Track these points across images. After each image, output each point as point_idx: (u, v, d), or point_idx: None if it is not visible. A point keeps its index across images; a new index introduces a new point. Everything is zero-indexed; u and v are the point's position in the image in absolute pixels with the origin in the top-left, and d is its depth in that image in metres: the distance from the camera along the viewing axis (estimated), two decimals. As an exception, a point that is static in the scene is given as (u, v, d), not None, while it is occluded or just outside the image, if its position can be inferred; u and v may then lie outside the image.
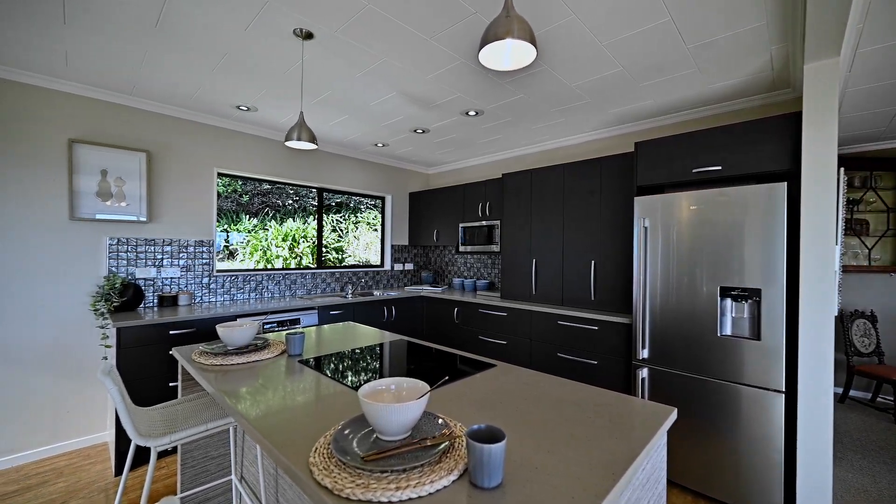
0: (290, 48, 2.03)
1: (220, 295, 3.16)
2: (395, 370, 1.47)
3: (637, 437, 0.92)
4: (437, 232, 4.34)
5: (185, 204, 2.96)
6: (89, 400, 2.57)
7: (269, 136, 3.44)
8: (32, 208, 2.37)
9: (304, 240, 5.49)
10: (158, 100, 2.74)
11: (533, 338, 3.07)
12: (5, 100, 2.29)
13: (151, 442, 1.28)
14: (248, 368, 1.50)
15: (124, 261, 2.69)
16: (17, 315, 2.33)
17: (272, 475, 1.56)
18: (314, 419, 1.02)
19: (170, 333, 2.41)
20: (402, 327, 3.87)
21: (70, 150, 2.46)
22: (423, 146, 3.88)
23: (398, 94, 2.60)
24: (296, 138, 1.87)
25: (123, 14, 1.76)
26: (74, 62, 2.20)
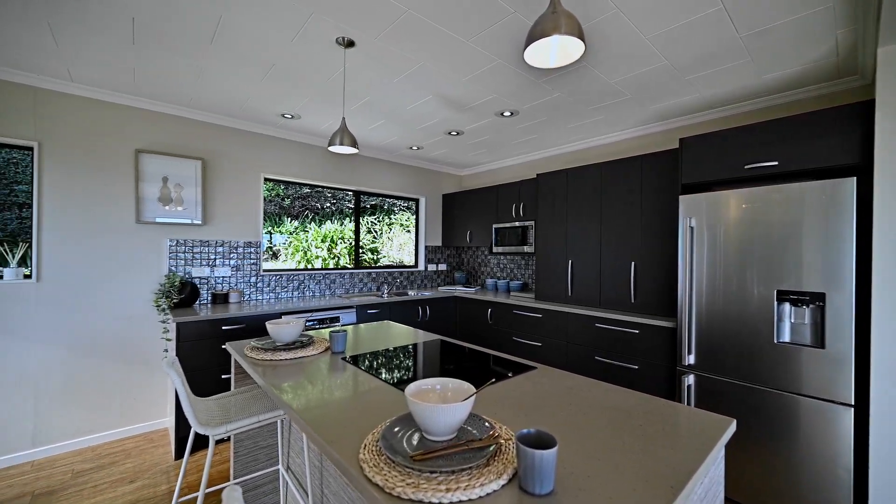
0: (333, 57, 2.10)
1: (266, 293, 3.33)
2: (435, 370, 1.49)
3: (694, 448, 0.88)
4: (470, 233, 4.34)
5: (235, 207, 3.15)
6: (152, 388, 2.79)
7: (310, 143, 3.59)
8: (106, 213, 2.61)
9: (342, 241, 5.69)
10: (212, 110, 2.93)
11: (569, 340, 3.01)
12: (83, 115, 2.53)
13: (210, 431, 1.37)
14: (295, 364, 1.58)
15: (182, 261, 2.89)
16: (94, 309, 2.57)
17: (317, 467, 1.63)
18: (360, 416, 1.06)
19: (222, 329, 2.58)
20: (435, 327, 3.90)
21: (136, 160, 2.69)
22: (456, 148, 3.90)
23: (434, 97, 2.63)
24: (338, 143, 1.94)
25: (184, 32, 1.89)
26: (141, 79, 2.40)
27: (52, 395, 2.45)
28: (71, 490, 2.10)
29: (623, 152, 3.36)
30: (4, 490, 2.09)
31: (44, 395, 2.42)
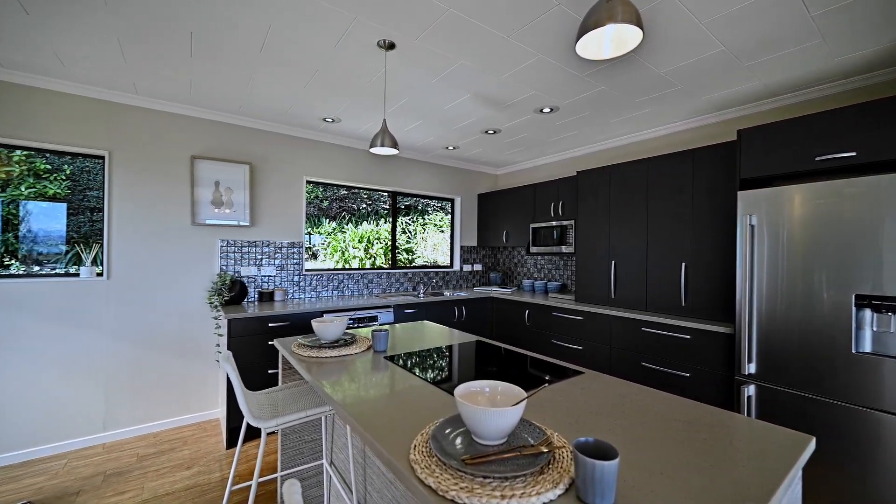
0: (374, 60, 2.14)
1: (307, 292, 3.45)
2: (477, 372, 1.47)
3: (769, 468, 0.80)
4: (506, 233, 4.28)
5: (279, 209, 3.29)
6: (205, 381, 2.96)
7: (350, 145, 3.68)
8: (166, 216, 2.80)
9: (378, 241, 5.80)
10: (259, 117, 3.07)
11: (613, 344, 2.89)
12: (147, 125, 2.74)
13: (262, 423, 1.43)
14: (340, 362, 1.61)
15: (232, 260, 3.05)
16: (155, 305, 2.76)
17: (360, 464, 1.66)
18: (406, 415, 1.05)
19: (269, 326, 2.69)
20: (471, 327, 3.88)
21: (192, 166, 2.87)
22: (492, 147, 3.86)
23: (472, 96, 2.61)
24: (380, 144, 1.97)
25: (236, 43, 1.99)
26: (197, 89, 2.55)
27: (120, 385, 2.66)
28: (137, 472, 2.27)
29: (670, 147, 3.19)
30: (81, 469, 2.29)
31: (113, 383, 2.63)
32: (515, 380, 1.38)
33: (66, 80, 2.43)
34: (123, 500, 2.02)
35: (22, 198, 2.74)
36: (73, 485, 2.14)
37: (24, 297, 2.39)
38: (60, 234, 2.73)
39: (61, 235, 2.73)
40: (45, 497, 2.03)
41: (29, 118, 2.40)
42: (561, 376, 1.41)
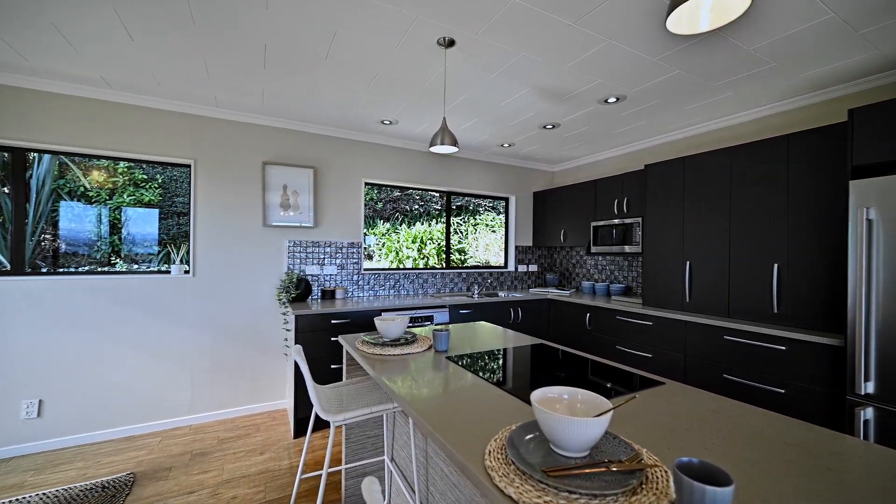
0: (433, 59, 2.13)
1: (365, 290, 3.55)
2: (544, 377, 1.40)
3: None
4: (564, 232, 4.11)
5: (340, 211, 3.42)
6: (274, 372, 3.16)
7: (406, 146, 3.74)
8: (241, 218, 3.03)
9: (431, 241, 5.85)
10: (322, 123, 3.22)
11: (688, 353, 2.64)
12: (225, 135, 2.98)
13: (331, 417, 1.47)
14: (402, 360, 1.61)
15: (298, 259, 3.23)
16: (232, 301, 3.00)
17: (423, 464, 1.65)
18: (475, 418, 1.02)
19: (331, 322, 2.80)
20: (527, 329, 3.76)
21: (263, 171, 3.08)
22: (550, 143, 3.71)
23: (531, 90, 2.52)
24: (439, 143, 1.96)
25: (304, 52, 2.09)
26: (268, 99, 2.73)
27: (203, 373, 2.91)
28: (218, 454, 2.46)
29: (756, 133, 2.85)
30: (172, 447, 2.54)
31: (197, 371, 2.90)
32: (587, 387, 1.29)
33: (159, 97, 2.71)
34: (207, 478, 2.21)
35: (124, 205, 3.12)
36: (166, 461, 2.37)
37: (126, 291, 2.70)
38: (153, 237, 3.08)
39: (154, 237, 3.07)
40: (144, 470, 2.28)
41: (130, 133, 2.71)
42: (640, 386, 1.29)
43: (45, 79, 2.43)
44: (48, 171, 2.73)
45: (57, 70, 2.32)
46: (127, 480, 2.16)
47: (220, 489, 2.11)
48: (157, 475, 2.23)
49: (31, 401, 2.45)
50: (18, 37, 1.96)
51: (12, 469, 2.27)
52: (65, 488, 2.09)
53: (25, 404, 2.43)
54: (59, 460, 2.37)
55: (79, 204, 2.93)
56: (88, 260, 2.90)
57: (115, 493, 2.05)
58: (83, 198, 2.93)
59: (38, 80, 2.44)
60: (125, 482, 2.14)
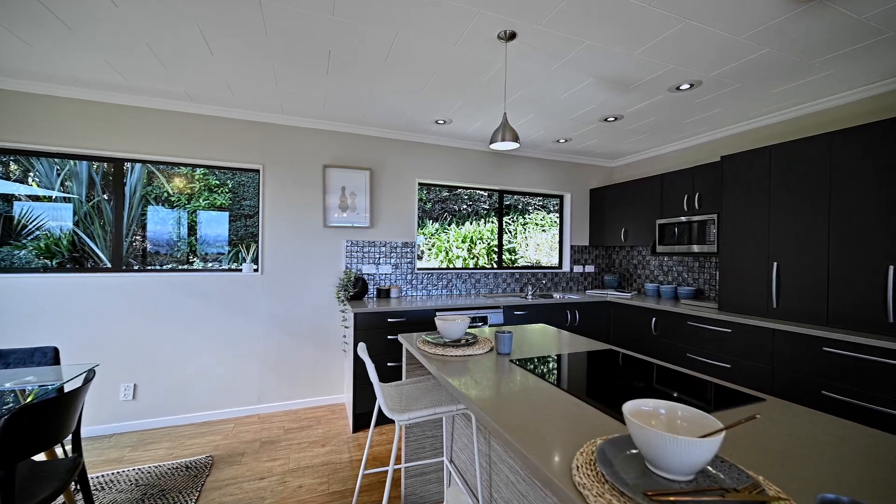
0: (492, 53, 2.09)
1: (419, 290, 3.58)
2: (624, 387, 1.29)
3: None
4: (624, 231, 3.87)
5: (394, 211, 3.48)
6: (332, 368, 3.27)
7: (458, 146, 3.72)
8: (303, 219, 3.18)
9: (480, 241, 5.80)
10: (377, 125, 3.29)
11: (776, 365, 2.35)
12: (290, 140, 3.14)
13: (396, 416, 1.47)
14: (463, 361, 1.58)
15: (355, 259, 3.33)
16: (295, 298, 3.16)
17: (486, 469, 1.61)
18: (553, 428, 0.95)
19: (388, 321, 2.85)
20: (586, 333, 3.59)
21: (324, 174, 3.21)
22: (610, 136, 3.51)
23: (595, 80, 2.38)
24: (500, 139, 1.91)
25: (365, 55, 2.13)
26: (329, 104, 2.84)
27: (270, 365, 3.09)
28: (283, 443, 2.60)
29: (859, 116, 2.48)
30: (243, 433, 2.72)
31: (265, 364, 3.08)
32: (673, 400, 1.17)
33: (233, 107, 2.92)
34: (275, 465, 2.33)
35: (200, 208, 3.41)
36: (239, 447, 2.54)
37: (203, 287, 2.93)
38: (224, 238, 3.33)
39: (225, 238, 3.33)
40: (221, 454, 2.45)
41: (208, 141, 2.94)
42: (734, 402, 1.15)
43: (140, 95, 2.71)
44: (139, 179, 3.04)
45: (150, 87, 2.57)
46: (206, 462, 2.34)
47: (287, 477, 2.21)
48: (232, 459, 2.39)
49: (127, 384, 2.74)
50: (121, 59, 2.19)
51: (114, 444, 2.55)
52: (155, 465, 2.30)
53: (123, 387, 2.73)
54: (150, 439, 2.62)
55: (162, 208, 3.24)
56: (170, 259, 3.20)
57: (197, 474, 2.22)
58: (166, 203, 3.25)
59: (134, 97, 2.72)
60: (205, 464, 2.32)
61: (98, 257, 3.11)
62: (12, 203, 2.91)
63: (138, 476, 2.19)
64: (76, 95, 2.61)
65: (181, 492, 2.06)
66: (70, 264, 2.93)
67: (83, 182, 3.20)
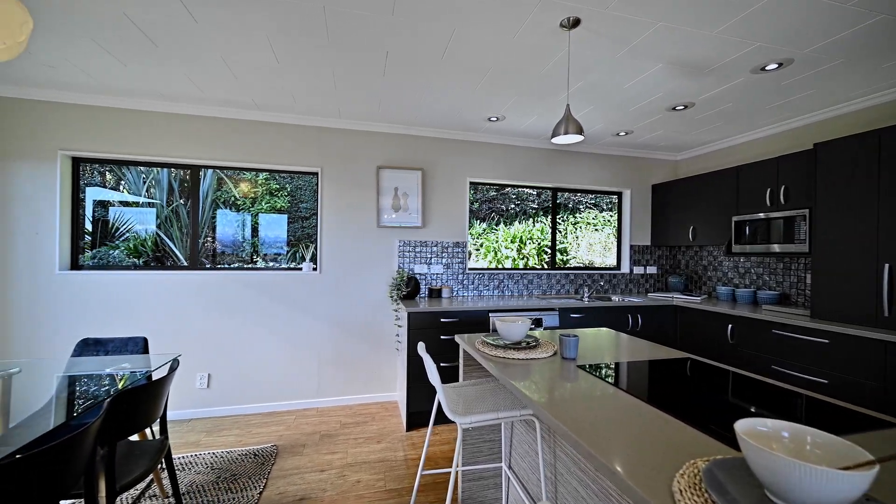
0: (553, 43, 1.99)
1: (470, 290, 3.54)
2: (712, 400, 1.16)
3: None
4: (692, 229, 3.56)
5: (445, 211, 3.47)
6: (385, 366, 3.33)
7: (510, 143, 3.64)
8: (358, 220, 3.26)
9: (530, 241, 5.64)
10: (429, 125, 3.30)
11: (888, 383, 2.03)
12: (346, 143, 3.24)
13: (458, 418, 1.44)
14: (526, 365, 1.51)
15: (407, 259, 3.36)
16: (350, 296, 3.25)
17: (551, 479, 1.53)
18: (640, 445, 0.86)
19: (440, 321, 2.83)
20: (650, 339, 3.34)
21: (377, 175, 3.27)
22: (677, 127, 3.25)
23: (665, 65, 2.20)
24: (563, 133, 1.81)
25: (422, 53, 2.13)
26: (383, 106, 2.88)
27: (327, 361, 3.20)
28: (341, 437, 2.67)
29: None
30: (304, 426, 2.84)
31: (322, 359, 3.20)
32: (781, 418, 1.02)
33: (294, 112, 3.06)
34: (334, 459, 2.39)
35: (262, 211, 3.62)
36: (300, 438, 2.65)
37: (267, 285, 3.10)
38: (283, 239, 3.52)
39: (283, 239, 3.51)
40: (284, 444, 2.57)
41: (270, 147, 3.11)
42: (856, 426, 0.98)
43: (213, 106, 2.92)
44: (210, 185, 3.28)
45: (222, 98, 2.76)
46: (272, 451, 2.46)
47: (345, 471, 2.27)
48: (294, 450, 2.49)
49: (203, 374, 2.96)
50: (199, 73, 2.37)
51: (191, 429, 2.76)
52: (227, 451, 2.46)
53: (199, 376, 2.95)
54: (221, 426, 2.82)
55: (229, 211, 3.48)
56: (236, 258, 3.43)
57: (264, 462, 2.34)
58: (233, 206, 3.49)
59: (208, 108, 2.94)
60: (270, 452, 2.44)
61: (176, 256, 3.41)
62: (108, 209, 3.26)
63: (213, 460, 2.35)
64: (160, 109, 2.87)
65: (250, 477, 2.17)
66: (153, 263, 3.24)
67: (164, 188, 3.53)
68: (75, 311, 2.76)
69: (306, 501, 1.99)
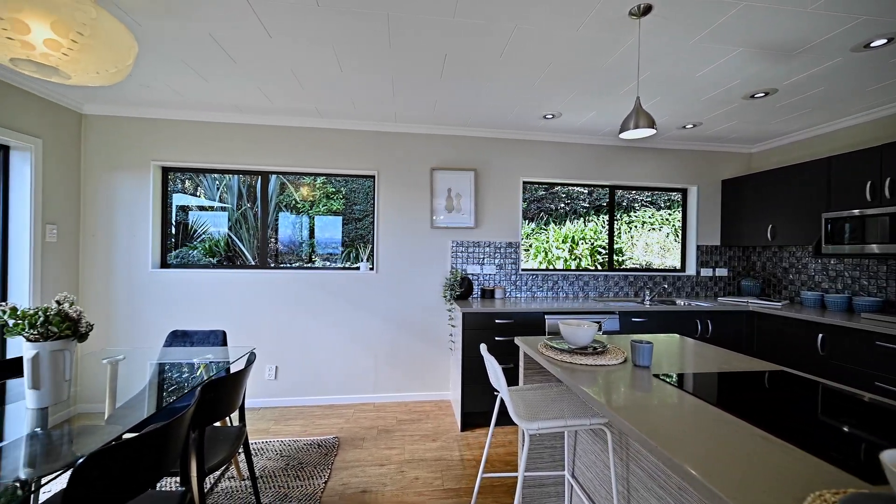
0: (620, 33, 1.90)
1: (523, 291, 3.48)
2: (817, 420, 1.04)
3: None
4: (772, 228, 3.24)
5: (498, 211, 3.44)
6: (438, 365, 3.36)
7: (565, 141, 3.53)
8: (413, 221, 3.32)
9: (583, 241, 5.42)
10: (483, 126, 3.28)
11: None
12: (401, 147, 3.31)
13: (524, 423, 1.41)
14: (594, 371, 1.45)
15: (460, 259, 3.37)
16: (405, 295, 3.32)
17: (623, 494, 1.45)
18: (742, 466, 0.79)
19: (495, 322, 2.81)
20: (721, 346, 3.08)
21: (431, 176, 3.31)
22: (754, 116, 2.96)
23: (745, 49, 2.02)
24: (633, 127, 1.72)
25: (481, 53, 2.12)
26: (438, 108, 2.91)
27: (383, 358, 3.30)
28: (397, 433, 2.73)
29: None
30: (362, 420, 2.94)
31: (379, 356, 3.29)
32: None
33: (353, 118, 3.18)
34: (392, 454, 2.45)
35: (319, 213, 3.81)
36: (359, 432, 2.75)
37: (327, 284, 3.24)
38: (338, 240, 3.68)
39: (338, 240, 3.67)
40: (345, 436, 2.68)
41: (330, 152, 3.25)
42: None
43: (280, 115, 3.11)
44: (274, 189, 3.49)
45: (289, 107, 2.93)
46: (334, 443, 2.57)
47: (403, 467, 2.31)
48: (354, 443, 2.59)
49: (271, 366, 3.17)
50: (270, 85, 2.53)
51: (261, 417, 2.97)
52: (293, 440, 2.60)
53: (268, 368, 3.16)
54: (288, 416, 2.99)
55: (290, 214, 3.70)
56: (296, 258, 3.64)
57: (327, 452, 2.45)
58: (293, 209, 3.70)
59: (276, 117, 3.13)
60: (333, 444, 2.55)
61: (245, 256, 3.68)
62: (187, 212, 3.59)
63: (281, 447, 2.50)
64: (234, 120, 3.11)
65: (315, 466, 2.29)
66: (225, 262, 3.52)
67: (234, 193, 3.83)
68: (164, 305, 3.06)
69: (368, 494, 2.06)
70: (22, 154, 2.56)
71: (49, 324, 1.35)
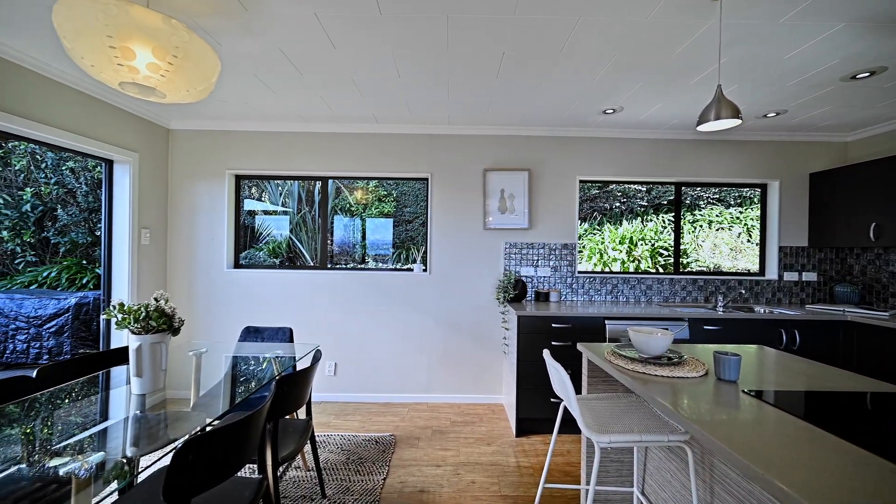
0: (696, 17, 1.75)
1: (580, 294, 3.34)
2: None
3: None
4: (874, 227, 2.83)
5: (553, 211, 3.33)
6: (491, 367, 3.32)
7: (625, 136, 3.34)
8: (465, 222, 3.32)
9: (642, 242, 5.08)
10: (537, 125, 3.20)
11: None
12: (454, 148, 3.32)
13: (595, 436, 1.34)
14: (671, 384, 1.34)
15: (514, 261, 3.31)
16: (459, 297, 3.32)
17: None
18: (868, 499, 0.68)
19: (552, 326, 2.72)
20: (811, 359, 2.74)
21: (484, 177, 3.28)
22: (851, 100, 2.61)
23: (849, 24, 1.78)
24: (713, 118, 1.58)
25: (540, 49, 2.06)
26: (493, 109, 2.88)
27: (437, 358, 3.32)
28: (451, 434, 2.73)
29: None
30: (416, 419, 2.98)
31: (432, 357, 3.32)
32: None
33: (407, 122, 3.23)
34: (447, 456, 2.46)
35: (371, 216, 3.93)
36: (414, 431, 2.78)
37: (381, 284, 3.33)
38: (389, 241, 3.77)
39: (389, 242, 3.76)
40: (400, 435, 2.73)
41: (384, 155, 3.33)
42: None
43: (339, 122, 3.25)
44: (330, 193, 3.65)
45: (348, 115, 3.05)
46: (391, 440, 2.62)
47: (459, 470, 2.31)
48: (410, 442, 2.62)
49: (331, 362, 3.31)
50: (332, 94, 2.65)
51: (322, 411, 3.11)
52: (352, 434, 2.70)
53: (328, 364, 3.31)
54: (346, 411, 3.11)
55: (343, 217, 3.85)
56: (350, 259, 3.78)
57: (385, 449, 2.51)
58: (347, 212, 3.85)
59: (335, 125, 3.28)
60: (389, 441, 2.61)
61: (304, 257, 3.89)
62: (254, 217, 3.86)
63: (342, 441, 2.60)
64: (297, 129, 3.29)
65: (374, 462, 2.35)
66: (287, 263, 3.74)
67: (295, 198, 4.06)
68: (238, 303, 3.32)
69: (426, 494, 2.07)
70: (123, 167, 2.90)
71: (149, 318, 1.50)
